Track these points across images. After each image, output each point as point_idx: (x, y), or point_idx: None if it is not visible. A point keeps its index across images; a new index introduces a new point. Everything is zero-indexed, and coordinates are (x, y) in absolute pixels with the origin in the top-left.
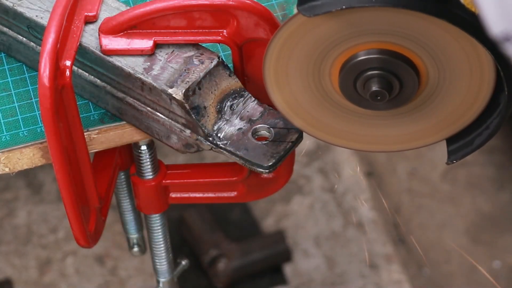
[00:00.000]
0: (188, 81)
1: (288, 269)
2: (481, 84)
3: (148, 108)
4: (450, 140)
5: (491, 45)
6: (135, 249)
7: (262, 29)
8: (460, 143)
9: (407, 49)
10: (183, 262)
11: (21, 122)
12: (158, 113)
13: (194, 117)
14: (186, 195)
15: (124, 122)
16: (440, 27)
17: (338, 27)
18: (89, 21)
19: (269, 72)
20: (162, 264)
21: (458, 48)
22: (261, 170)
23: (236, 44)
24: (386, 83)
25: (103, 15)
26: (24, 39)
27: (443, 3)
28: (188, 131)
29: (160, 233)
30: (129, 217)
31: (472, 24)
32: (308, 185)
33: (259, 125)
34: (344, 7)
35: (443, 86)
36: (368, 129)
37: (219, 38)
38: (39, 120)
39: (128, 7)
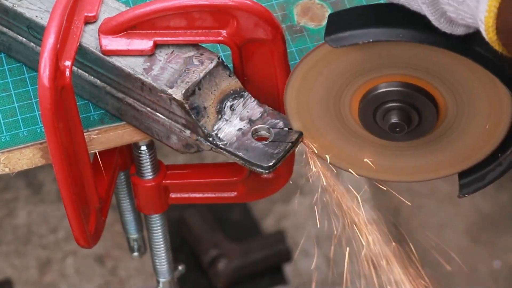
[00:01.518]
0: (188, 82)
1: (288, 269)
2: (498, 122)
3: (148, 109)
4: (462, 174)
5: None
6: (135, 253)
7: (262, 30)
8: (472, 177)
9: (427, 83)
10: (180, 267)
11: (21, 123)
12: (158, 114)
13: (194, 118)
14: (186, 195)
15: (124, 123)
16: (463, 64)
17: (363, 59)
18: (89, 21)
19: (291, 98)
20: (162, 264)
21: (478, 85)
22: (261, 170)
23: (236, 44)
24: (405, 115)
25: (103, 15)
26: (24, 39)
27: (468, 41)
28: (188, 132)
29: (160, 233)
30: (129, 217)
31: (495, 64)
32: (308, 185)
33: (259, 126)
34: (371, 40)
35: (461, 121)
36: (384, 159)
37: (219, 38)
38: (39, 121)
39: (128, 8)
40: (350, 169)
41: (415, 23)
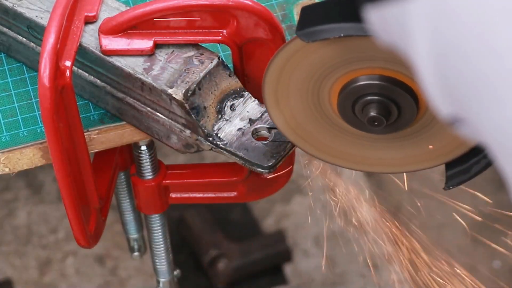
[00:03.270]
0: (188, 81)
1: (288, 269)
2: None
3: (148, 108)
4: (448, 165)
5: None
6: (136, 253)
7: (262, 29)
8: (457, 169)
9: (406, 76)
10: (175, 272)
11: (21, 123)
12: (158, 113)
13: (194, 117)
14: (186, 195)
15: (124, 122)
16: None
17: (338, 52)
18: (89, 21)
19: (269, 92)
20: (162, 264)
21: None
22: (261, 170)
23: (236, 44)
24: (384, 109)
25: (103, 15)
26: (24, 39)
27: None
28: (188, 131)
29: (160, 233)
30: (129, 217)
31: None
32: (308, 185)
33: (259, 125)
34: (342, 35)
35: None
36: (364, 151)
37: (219, 38)
38: (39, 121)
39: (128, 7)
40: (331, 161)
41: None
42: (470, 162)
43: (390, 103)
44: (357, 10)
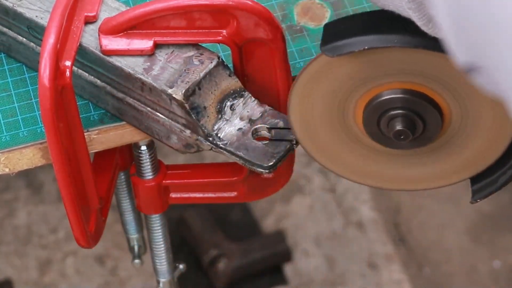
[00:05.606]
0: (188, 81)
1: (288, 269)
2: (504, 123)
3: (148, 109)
4: (474, 179)
5: None
6: (136, 260)
7: (262, 29)
8: (484, 182)
9: (430, 89)
10: (181, 266)
11: (21, 123)
12: (158, 113)
13: (194, 117)
14: (186, 195)
15: (124, 123)
16: None
17: (363, 67)
18: (89, 21)
19: (294, 111)
20: (162, 264)
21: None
22: (261, 170)
23: (236, 44)
24: (409, 122)
25: (103, 15)
26: (24, 39)
27: None
28: (188, 131)
29: (160, 233)
30: (129, 217)
31: None
32: (308, 185)
33: (259, 125)
34: (366, 47)
35: (466, 126)
36: (390, 168)
37: (219, 38)
38: (39, 121)
39: (128, 7)
40: (355, 179)
41: (410, 28)
42: (497, 174)
43: (415, 116)
44: (380, 23)
